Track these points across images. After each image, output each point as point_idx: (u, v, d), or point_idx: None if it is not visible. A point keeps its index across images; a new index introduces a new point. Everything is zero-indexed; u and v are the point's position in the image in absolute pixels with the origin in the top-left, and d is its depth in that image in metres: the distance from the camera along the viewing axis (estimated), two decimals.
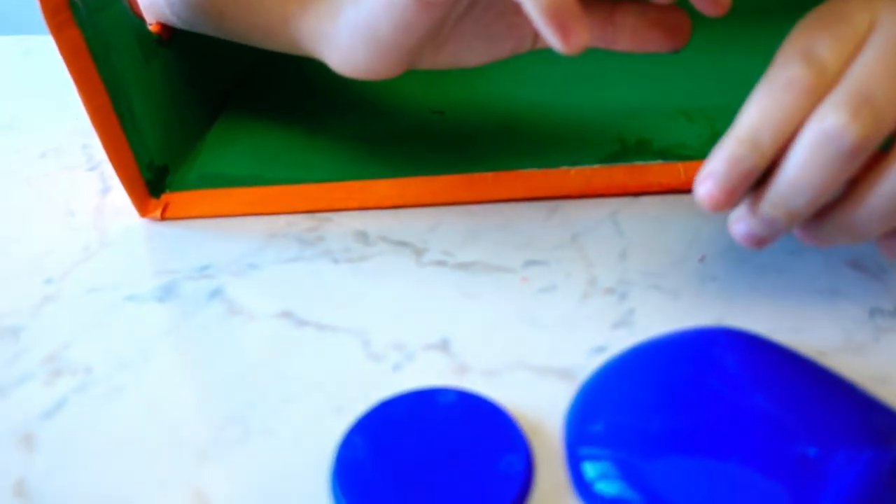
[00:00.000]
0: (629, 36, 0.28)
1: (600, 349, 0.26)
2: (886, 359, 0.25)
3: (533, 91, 0.41)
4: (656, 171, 0.34)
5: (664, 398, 0.22)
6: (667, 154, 0.35)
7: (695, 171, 0.33)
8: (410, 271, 0.30)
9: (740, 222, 0.25)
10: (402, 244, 0.32)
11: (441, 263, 0.31)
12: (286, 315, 0.29)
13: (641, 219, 0.32)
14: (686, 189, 0.33)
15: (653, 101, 0.39)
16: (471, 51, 0.30)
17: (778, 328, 0.27)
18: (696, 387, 0.22)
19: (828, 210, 0.24)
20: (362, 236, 0.33)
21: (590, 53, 0.43)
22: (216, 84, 0.42)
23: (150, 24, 0.35)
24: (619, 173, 0.34)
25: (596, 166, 0.34)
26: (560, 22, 0.22)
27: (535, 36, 0.30)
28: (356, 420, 0.23)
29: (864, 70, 0.23)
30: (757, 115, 0.23)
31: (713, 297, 0.28)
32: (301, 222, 0.34)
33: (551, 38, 0.22)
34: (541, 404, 0.24)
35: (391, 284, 0.30)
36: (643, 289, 0.29)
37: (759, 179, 0.24)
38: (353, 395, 0.25)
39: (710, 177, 0.24)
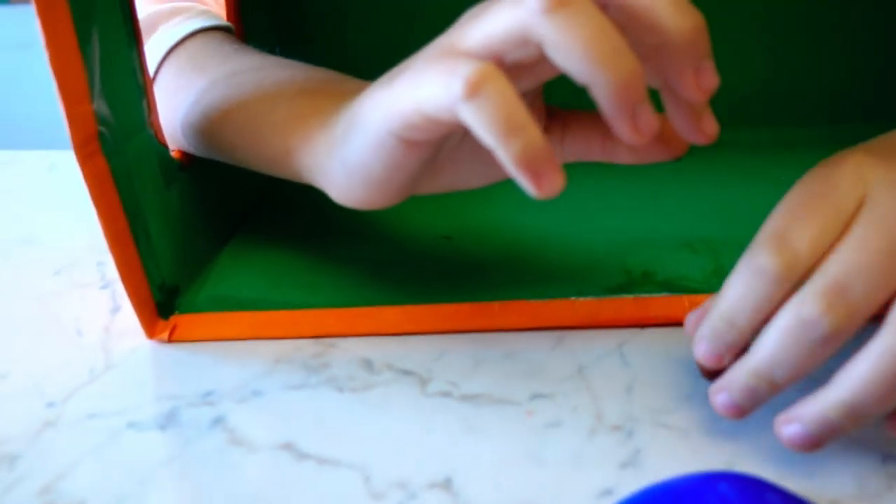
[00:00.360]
0: (628, 149, 0.29)
1: (608, 492, 0.26)
2: None
3: (539, 218, 0.42)
4: (662, 303, 0.34)
5: None
6: (671, 286, 0.35)
7: (699, 304, 0.34)
8: (415, 402, 0.30)
9: (721, 392, 0.26)
10: (407, 373, 0.32)
11: (446, 394, 0.30)
12: (287, 447, 0.28)
13: (647, 351, 0.32)
14: None
15: (657, 231, 0.40)
16: (469, 175, 0.30)
17: (790, 473, 0.26)
18: None
19: (821, 395, 0.24)
20: (367, 364, 0.32)
21: (596, 182, 0.44)
22: (231, 207, 0.43)
23: (172, 151, 0.37)
24: (625, 305, 0.34)
25: (602, 297, 0.34)
26: (532, 169, 0.22)
27: None
28: None
29: (845, 258, 0.23)
30: (733, 297, 0.25)
31: (722, 437, 0.28)
32: (307, 347, 0.34)
33: (524, 185, 0.22)
34: None
35: (395, 416, 0.29)
36: (651, 426, 0.28)
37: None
38: None
39: (702, 341, 0.26)
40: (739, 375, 0.25)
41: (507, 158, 0.22)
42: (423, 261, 0.39)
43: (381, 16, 0.51)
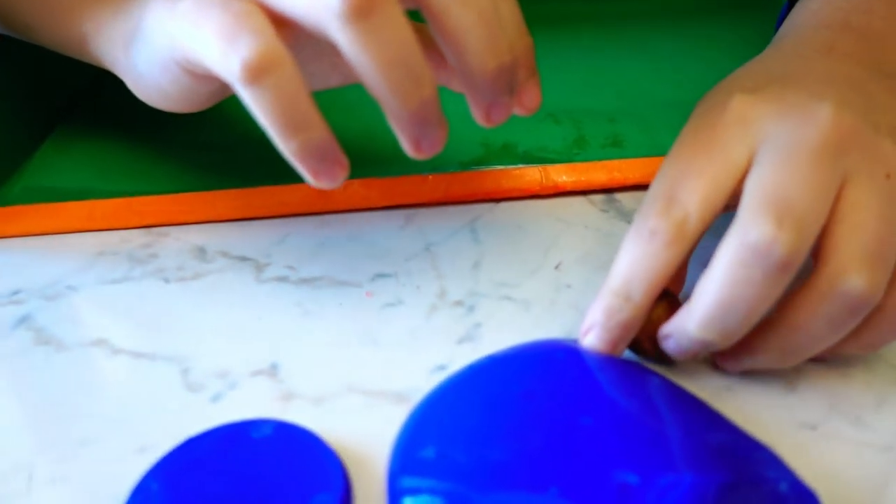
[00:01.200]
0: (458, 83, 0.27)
1: (441, 367, 0.24)
2: None
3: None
4: (517, 175, 0.32)
5: (496, 420, 0.21)
6: (530, 158, 0.33)
7: (556, 174, 0.32)
8: (248, 289, 0.28)
9: (669, 339, 0.22)
10: (243, 259, 0.29)
11: (283, 279, 0.28)
12: (100, 343, 0.26)
13: (500, 225, 0.31)
14: (547, 193, 0.32)
15: None
16: (309, 78, 0.28)
17: None
18: (528, 408, 0.21)
19: (757, 335, 0.22)
20: (200, 252, 0.30)
21: None
22: (53, 92, 0.38)
23: None
24: (478, 179, 0.32)
25: (455, 172, 0.32)
26: (310, 166, 0.21)
27: None
28: (155, 462, 0.21)
29: (770, 179, 0.20)
30: (626, 267, 0.22)
31: (565, 306, 0.27)
32: (136, 238, 0.31)
33: (303, 175, 0.22)
34: (370, 432, 0.22)
35: (224, 304, 0.27)
36: (494, 300, 0.27)
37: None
38: (160, 433, 0.22)
39: (592, 329, 0.22)
40: (686, 327, 0.21)
41: (284, 151, 0.21)
42: (269, 142, 0.36)
43: None
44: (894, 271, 0.21)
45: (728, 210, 0.22)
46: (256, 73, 0.20)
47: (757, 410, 0.23)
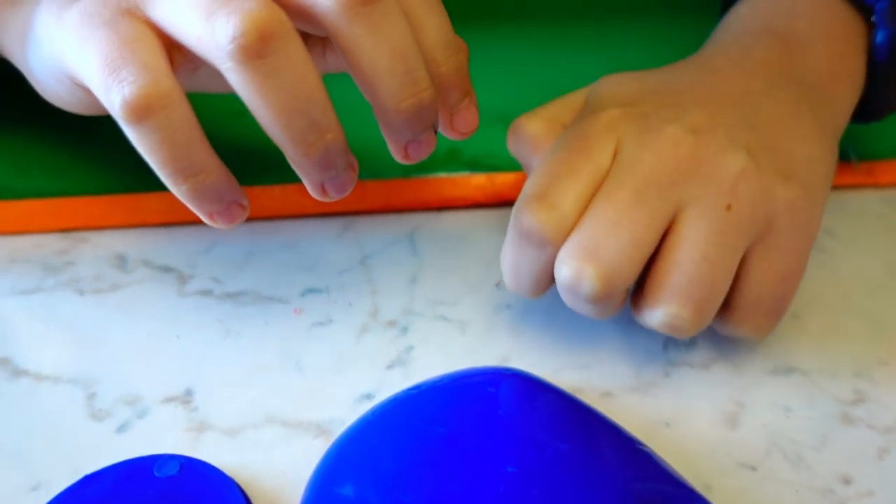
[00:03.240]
0: None
1: (368, 396, 0.23)
2: (674, 396, 0.23)
3: (340, 91, 0.37)
4: (461, 183, 0.31)
5: (416, 462, 0.19)
6: (476, 164, 0.32)
7: (501, 182, 0.31)
8: (169, 303, 0.26)
9: None
10: (166, 269, 0.28)
11: (206, 293, 0.27)
12: (3, 363, 0.24)
13: (441, 237, 0.29)
14: (491, 203, 0.31)
15: None
16: (208, 87, 0.26)
17: (567, 365, 0.24)
18: (451, 450, 0.19)
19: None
20: (120, 260, 0.28)
21: None
22: None
23: None
24: (420, 186, 0.31)
25: (396, 179, 0.31)
26: (202, 209, 0.20)
27: None
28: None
29: (597, 218, 0.21)
30: (511, 265, 0.22)
31: (503, 329, 0.25)
32: (52, 244, 0.29)
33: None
34: (286, 469, 0.21)
35: (142, 321, 0.25)
36: (429, 320, 0.26)
37: None
38: (57, 468, 0.21)
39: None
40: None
41: (173, 192, 0.20)
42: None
43: None
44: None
45: None
46: (138, 112, 0.18)
47: (696, 448, 0.22)
